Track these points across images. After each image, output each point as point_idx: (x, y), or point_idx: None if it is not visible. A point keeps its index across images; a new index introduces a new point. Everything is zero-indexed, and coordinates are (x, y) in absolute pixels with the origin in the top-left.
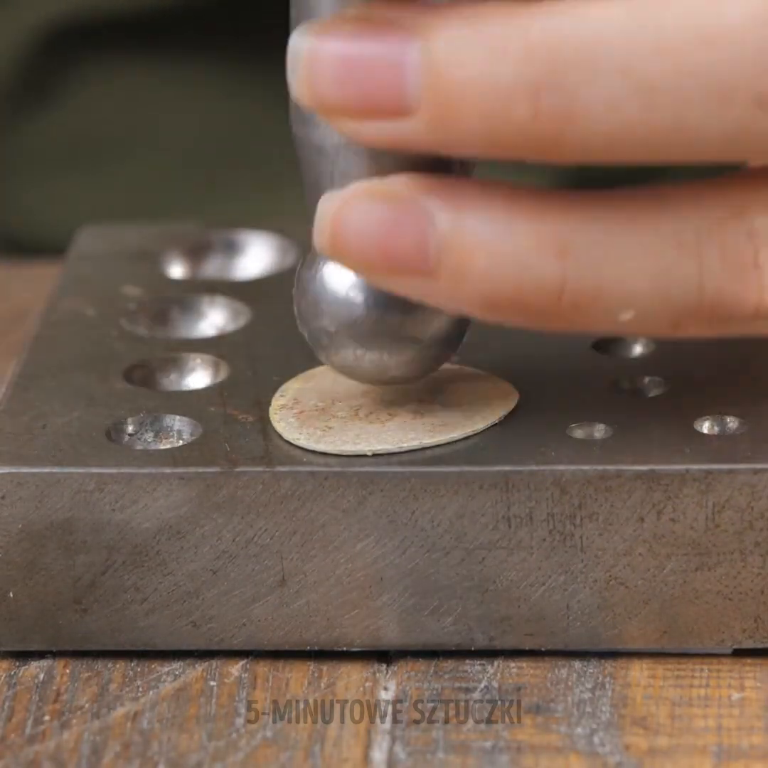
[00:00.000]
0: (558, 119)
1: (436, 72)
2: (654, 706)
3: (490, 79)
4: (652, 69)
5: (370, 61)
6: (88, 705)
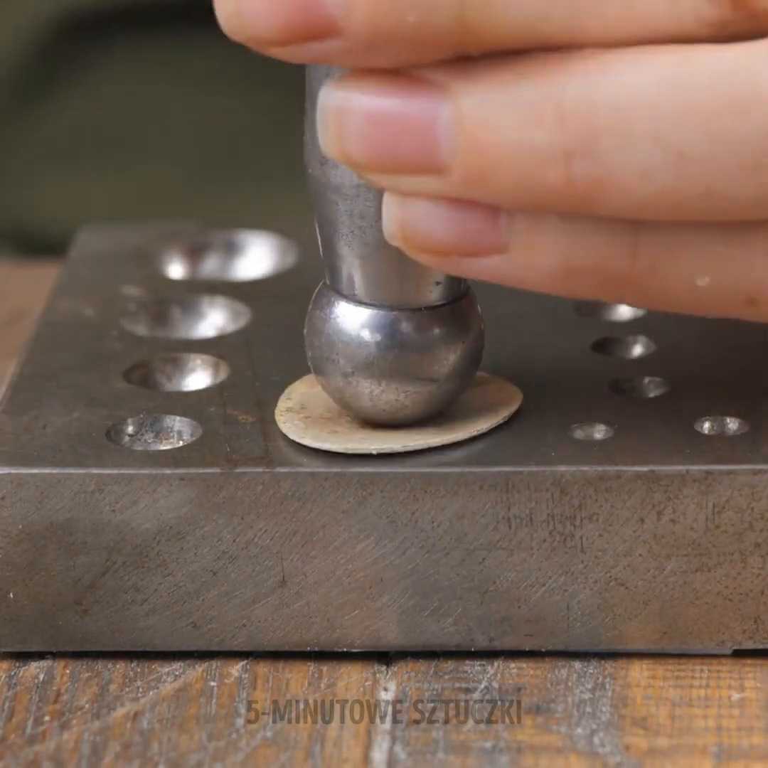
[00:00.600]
0: (590, 185)
1: (469, 134)
2: (654, 706)
3: (523, 144)
4: (683, 136)
5: (401, 118)
6: (88, 705)
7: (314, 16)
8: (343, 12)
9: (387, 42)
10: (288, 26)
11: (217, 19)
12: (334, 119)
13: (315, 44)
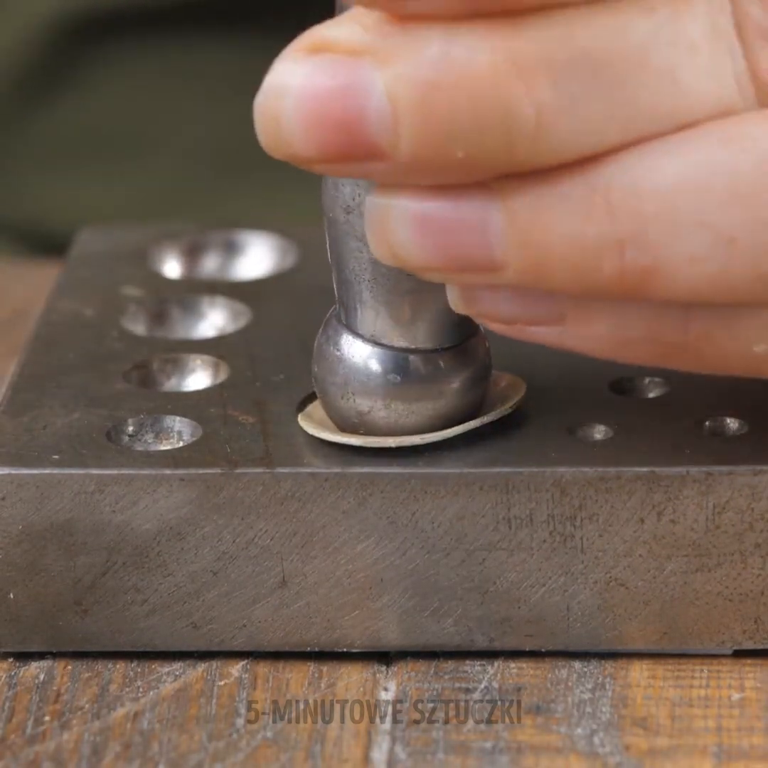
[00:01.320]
0: (643, 273)
1: (521, 233)
2: (654, 706)
3: (575, 238)
4: (729, 219)
5: (452, 222)
6: (88, 705)
7: (357, 142)
8: (388, 141)
9: (435, 171)
10: (328, 149)
11: (258, 135)
12: (384, 224)
13: (358, 165)
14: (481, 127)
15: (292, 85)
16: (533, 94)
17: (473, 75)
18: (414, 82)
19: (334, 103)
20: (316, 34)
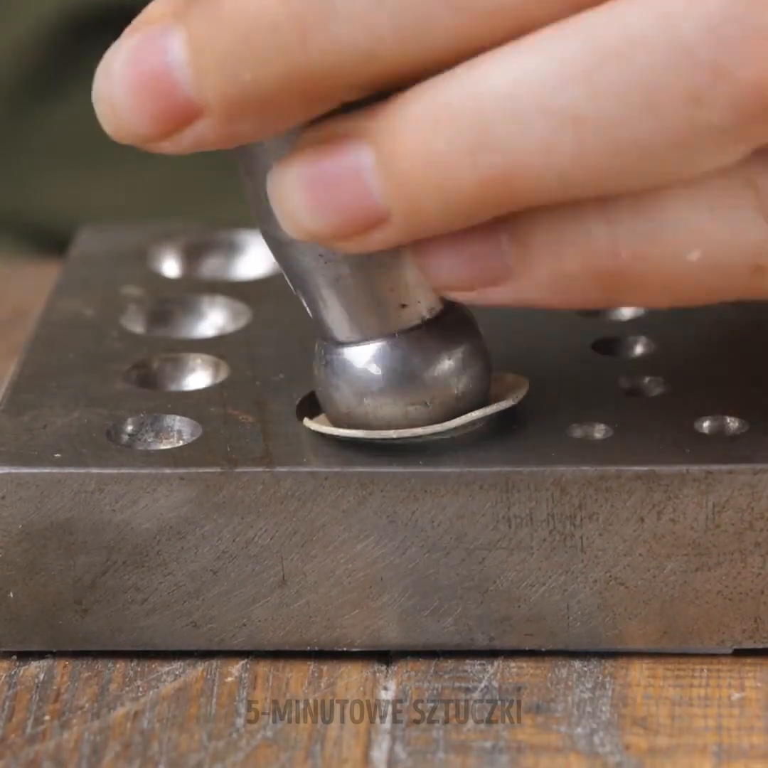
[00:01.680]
0: (502, 177)
1: (389, 168)
2: (654, 705)
3: (430, 156)
4: (571, 99)
5: (332, 176)
6: (88, 705)
7: (173, 103)
8: (197, 91)
9: (244, 108)
10: (155, 117)
11: (101, 122)
12: (282, 196)
13: (188, 131)
14: (254, 45)
15: (115, 65)
16: (290, 2)
17: (241, 2)
18: (199, 26)
19: (146, 70)
20: (139, 16)
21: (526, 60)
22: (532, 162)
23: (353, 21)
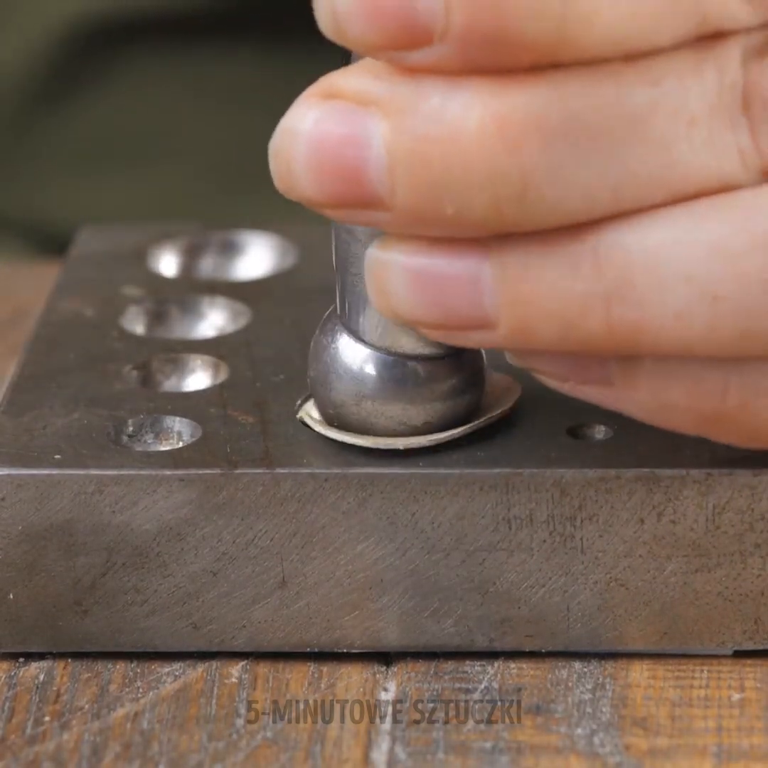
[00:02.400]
0: (630, 329)
1: (512, 288)
2: (654, 706)
3: (563, 294)
4: (713, 276)
5: (445, 278)
6: (88, 706)
7: (357, 191)
8: (386, 191)
9: (429, 225)
10: (331, 196)
11: (272, 176)
12: (382, 279)
13: (362, 212)
14: (468, 185)
15: (302, 130)
16: (518, 157)
17: (463, 132)
18: (409, 135)
19: (338, 152)
20: (330, 81)
21: (681, 228)
22: (662, 323)
23: (572, 190)
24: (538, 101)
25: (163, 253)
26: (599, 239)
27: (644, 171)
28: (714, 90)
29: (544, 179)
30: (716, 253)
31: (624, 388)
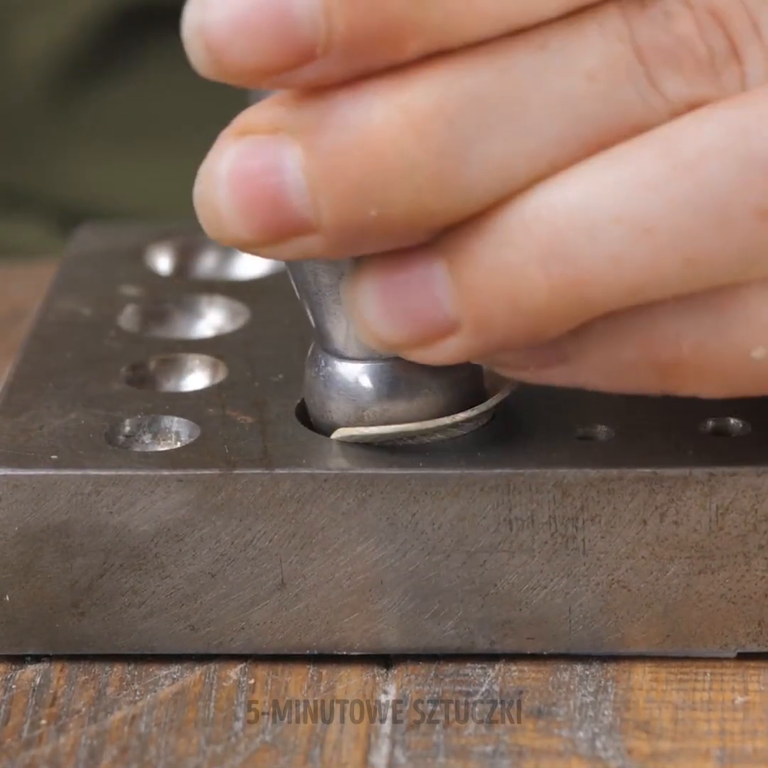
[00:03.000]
0: (571, 286)
1: (461, 280)
2: (657, 709)
3: (504, 270)
4: (642, 209)
5: (404, 287)
6: (85, 709)
7: (284, 220)
8: (311, 213)
9: (360, 235)
10: (260, 231)
11: (202, 225)
12: (357, 307)
13: (294, 242)
14: (387, 183)
15: (221, 171)
16: (428, 143)
17: (371, 134)
18: (322, 150)
19: (257, 184)
20: (242, 119)
21: (601, 172)
22: (602, 273)
23: (487, 164)
24: (435, 87)
25: (161, 252)
26: (524, 205)
27: (554, 132)
28: (600, 44)
29: (457, 160)
30: (641, 187)
31: (579, 359)
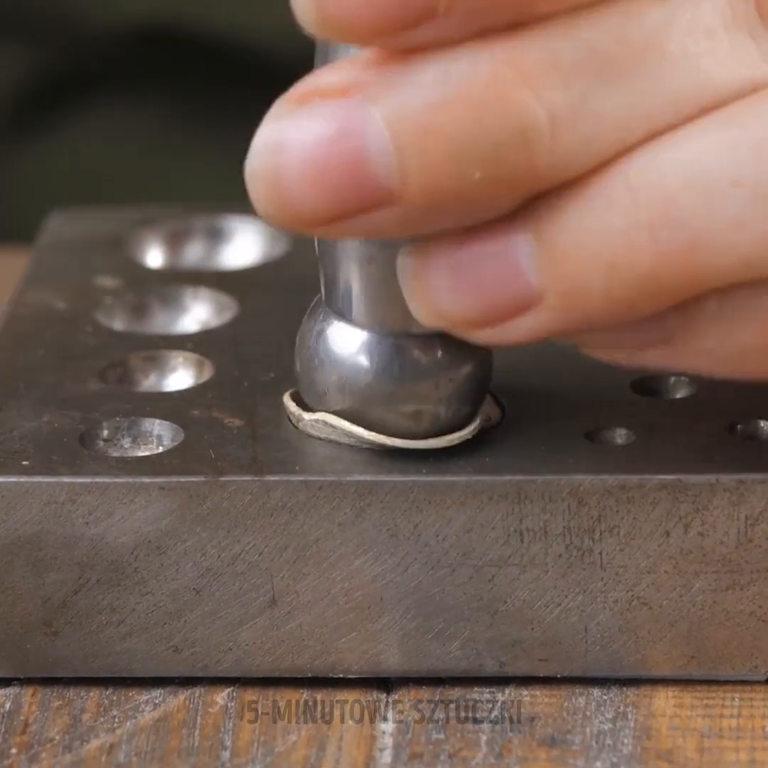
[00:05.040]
0: (683, 254)
1: (551, 249)
2: (681, 738)
3: (604, 237)
4: (763, 174)
5: (484, 263)
6: (59, 737)
7: (364, 189)
8: (397, 180)
9: (448, 204)
10: (337, 202)
11: (252, 202)
12: (422, 284)
13: (365, 217)
14: (495, 141)
15: (286, 140)
16: (543, 97)
17: (477, 88)
18: (414, 109)
19: (332, 151)
20: (302, 85)
21: (717, 133)
22: (718, 239)
23: (603, 122)
24: (549, 42)
25: (142, 240)
26: (629, 167)
27: (672, 89)
28: (722, 2)
29: (573, 116)
30: (761, 150)
31: (688, 341)
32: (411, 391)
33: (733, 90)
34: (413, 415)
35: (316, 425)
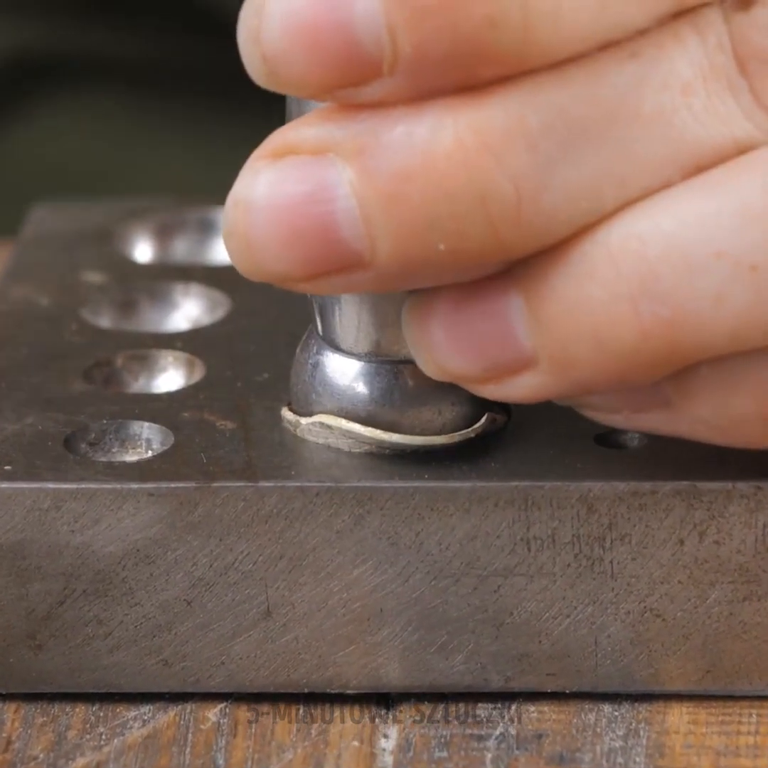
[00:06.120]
0: (665, 328)
1: (541, 314)
2: (695, 756)
3: (588, 307)
4: (746, 244)
5: (477, 322)
6: (43, 755)
7: (332, 252)
8: (364, 245)
9: (421, 270)
10: (308, 263)
11: (230, 257)
12: (425, 338)
13: (339, 277)
14: (457, 212)
15: (256, 198)
16: (507, 166)
17: (439, 156)
18: (379, 174)
19: (301, 213)
20: (277, 138)
21: (698, 200)
22: (701, 314)
23: (572, 191)
24: (514, 106)
25: (130, 234)
26: (609, 234)
27: (647, 152)
28: (699, 53)
29: (538, 185)
30: (744, 219)
31: (685, 407)
32: (414, 418)
33: (713, 149)
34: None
35: (313, 429)
